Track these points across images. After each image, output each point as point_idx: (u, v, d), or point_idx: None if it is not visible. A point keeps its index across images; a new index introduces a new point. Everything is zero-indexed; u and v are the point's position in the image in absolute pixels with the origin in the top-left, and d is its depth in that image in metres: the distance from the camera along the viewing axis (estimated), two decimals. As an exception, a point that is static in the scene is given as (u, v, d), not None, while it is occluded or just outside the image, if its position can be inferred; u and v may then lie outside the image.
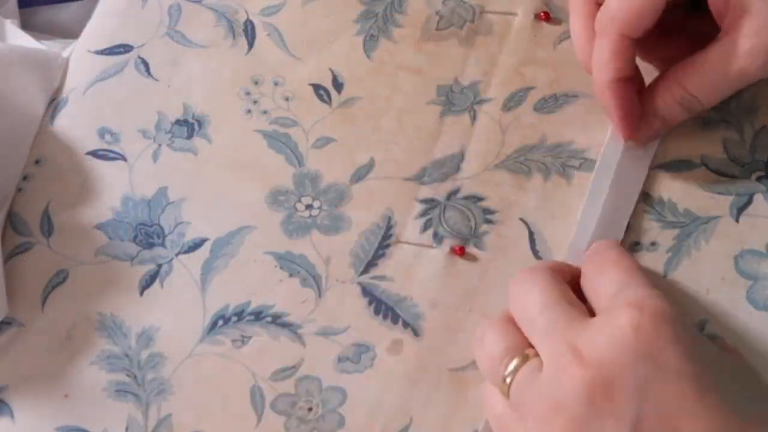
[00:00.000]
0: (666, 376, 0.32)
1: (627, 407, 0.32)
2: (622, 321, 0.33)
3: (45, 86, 0.47)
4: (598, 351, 0.33)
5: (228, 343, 0.41)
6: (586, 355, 0.33)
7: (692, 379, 0.33)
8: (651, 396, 0.32)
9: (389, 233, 0.43)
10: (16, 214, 0.44)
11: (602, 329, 0.34)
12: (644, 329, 0.33)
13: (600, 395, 0.33)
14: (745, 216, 0.41)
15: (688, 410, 0.32)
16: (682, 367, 0.33)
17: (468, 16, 0.47)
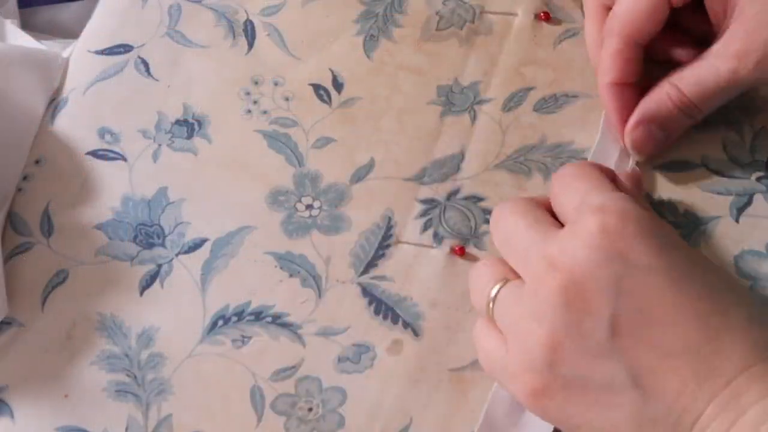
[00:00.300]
0: (637, 271, 0.33)
1: (602, 306, 0.33)
2: (588, 225, 0.34)
3: (45, 86, 0.47)
4: (569, 257, 0.34)
5: (228, 344, 0.41)
6: (559, 263, 0.34)
7: (663, 271, 0.33)
8: (624, 292, 0.33)
9: (389, 233, 0.43)
10: (16, 214, 0.44)
11: (571, 236, 0.35)
12: (611, 229, 0.34)
13: (575, 298, 0.33)
14: (745, 216, 0.41)
15: (662, 301, 0.33)
16: (651, 261, 0.33)
17: (468, 17, 0.47)
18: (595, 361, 0.33)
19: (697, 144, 0.43)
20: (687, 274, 0.34)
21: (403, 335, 0.41)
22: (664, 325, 0.33)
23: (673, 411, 0.32)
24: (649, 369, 0.32)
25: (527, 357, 0.34)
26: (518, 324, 0.35)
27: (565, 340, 0.33)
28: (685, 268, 0.34)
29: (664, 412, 0.32)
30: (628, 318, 0.33)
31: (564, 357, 0.33)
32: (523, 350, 0.35)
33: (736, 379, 0.32)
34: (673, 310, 0.33)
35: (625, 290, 0.33)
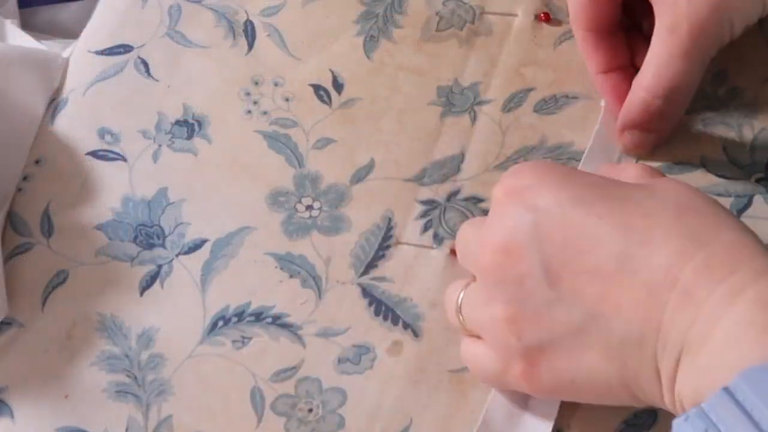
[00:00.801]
0: (547, 213, 0.34)
1: (531, 259, 0.34)
2: (495, 194, 0.36)
3: (45, 86, 0.47)
4: (490, 231, 0.35)
5: (228, 344, 0.41)
6: (487, 241, 0.35)
7: (571, 201, 0.34)
8: (544, 237, 0.33)
9: (389, 234, 0.43)
10: (16, 214, 0.44)
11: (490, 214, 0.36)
12: (511, 188, 0.35)
13: (507, 266, 0.34)
14: (744, 218, 0.41)
15: (579, 228, 0.33)
16: (556, 197, 0.34)
17: (468, 17, 0.47)
18: (552, 314, 0.33)
19: (696, 145, 0.43)
20: (598, 194, 0.34)
21: (403, 336, 0.41)
22: (591, 248, 0.33)
23: (634, 325, 0.32)
24: (597, 296, 0.32)
25: (500, 343, 0.35)
26: (480, 316, 0.36)
27: (518, 309, 0.34)
28: (594, 190, 0.34)
29: (626, 330, 0.32)
30: (557, 258, 0.33)
31: (524, 325, 0.34)
32: (495, 338, 0.35)
33: (681, 273, 0.31)
34: (593, 231, 0.33)
35: (544, 235, 0.33)
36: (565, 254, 0.33)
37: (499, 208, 0.35)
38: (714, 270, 0.30)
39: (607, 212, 0.33)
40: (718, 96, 0.44)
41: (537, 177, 0.35)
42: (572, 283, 0.33)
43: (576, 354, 0.33)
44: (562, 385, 0.35)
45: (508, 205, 0.35)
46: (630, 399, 0.34)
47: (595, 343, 0.33)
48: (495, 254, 0.34)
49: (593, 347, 0.33)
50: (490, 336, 0.36)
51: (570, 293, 0.33)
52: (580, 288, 0.33)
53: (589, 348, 0.33)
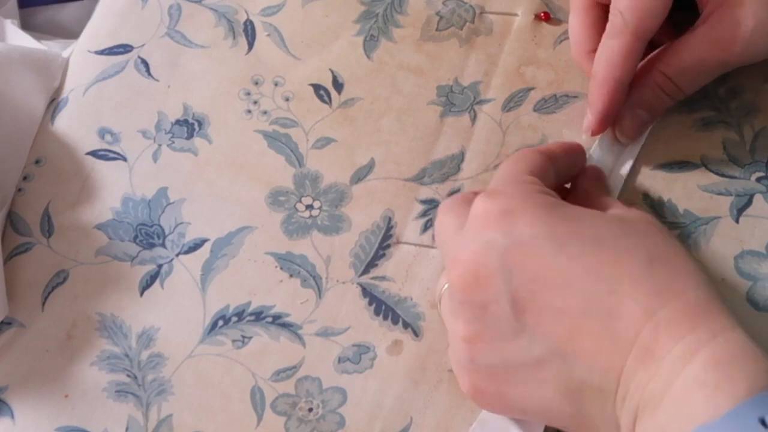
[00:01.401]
0: (521, 244, 0.33)
1: (498, 287, 0.33)
2: (475, 208, 0.35)
3: (45, 86, 0.47)
4: (465, 249, 0.35)
5: (228, 344, 0.41)
6: (459, 256, 0.35)
7: (547, 237, 0.33)
8: (515, 267, 0.33)
9: (389, 234, 0.43)
10: (16, 215, 0.44)
11: (466, 228, 0.35)
12: (491, 214, 0.34)
13: (474, 288, 0.34)
14: (745, 217, 0.41)
15: (551, 266, 0.33)
16: (533, 230, 0.33)
17: (468, 17, 0.47)
18: (511, 343, 0.33)
19: (697, 144, 0.43)
20: (573, 232, 0.34)
21: (403, 336, 0.41)
22: (559, 288, 0.32)
23: (595, 371, 0.32)
24: (561, 336, 0.32)
25: (455, 356, 0.36)
26: (447, 323, 0.36)
27: (478, 331, 0.34)
28: (569, 228, 0.34)
29: (587, 375, 0.32)
30: (525, 291, 0.33)
31: (481, 347, 0.34)
32: (452, 350, 0.36)
33: (643, 328, 0.31)
34: (564, 271, 0.33)
35: (515, 266, 0.33)
36: (534, 289, 0.33)
37: (477, 224, 0.35)
38: (674, 328, 0.31)
39: (579, 253, 0.33)
40: (718, 96, 0.44)
41: (519, 202, 0.34)
42: (538, 317, 0.33)
43: (530, 386, 0.33)
44: (509, 412, 0.35)
45: (486, 225, 0.34)
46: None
47: (553, 381, 0.33)
48: (464, 275, 0.34)
49: (550, 384, 0.33)
50: (451, 345, 0.36)
51: (534, 327, 0.33)
52: (544, 324, 0.33)
53: (546, 384, 0.33)
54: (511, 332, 0.33)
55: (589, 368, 0.32)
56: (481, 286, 0.34)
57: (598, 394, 0.32)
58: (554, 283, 0.33)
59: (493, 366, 0.34)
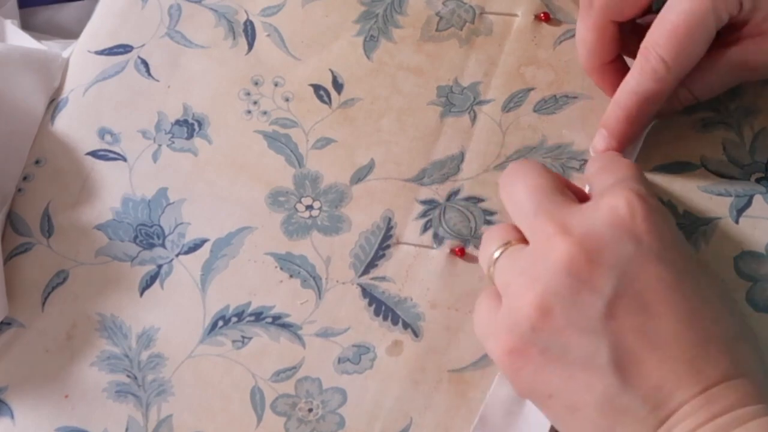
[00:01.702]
0: (649, 258, 0.33)
1: (605, 282, 0.33)
2: (618, 201, 0.34)
3: (45, 86, 0.47)
4: (586, 225, 0.34)
5: (228, 344, 0.41)
6: (574, 230, 0.34)
7: (672, 265, 0.33)
8: (631, 274, 0.33)
9: (389, 234, 0.43)
10: (17, 215, 0.44)
11: (593, 209, 0.34)
12: (638, 212, 0.34)
13: (580, 268, 0.33)
14: (744, 217, 0.41)
15: (663, 294, 0.33)
16: (664, 253, 0.33)
17: (468, 17, 0.47)
18: (581, 335, 0.33)
19: (696, 145, 0.43)
20: (690, 274, 0.34)
21: (403, 336, 0.41)
22: (659, 317, 0.32)
23: (647, 403, 0.32)
24: (634, 356, 0.32)
25: (513, 316, 0.34)
26: (513, 283, 0.35)
27: (556, 307, 0.33)
28: (689, 267, 0.34)
29: (637, 403, 0.32)
30: (628, 301, 0.33)
31: (550, 323, 0.33)
32: (511, 309, 0.34)
33: (715, 386, 0.32)
34: (671, 307, 0.33)
35: (631, 273, 0.33)
36: (635, 304, 0.33)
37: (610, 214, 0.34)
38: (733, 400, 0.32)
39: (689, 299, 0.33)
40: (718, 96, 0.44)
41: (661, 222, 0.34)
42: (622, 330, 0.32)
43: (572, 383, 0.33)
44: (534, 390, 0.35)
45: (623, 223, 0.34)
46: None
47: (599, 390, 0.33)
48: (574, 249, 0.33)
49: (593, 391, 0.33)
50: (509, 303, 0.35)
51: (614, 334, 0.33)
52: (625, 338, 0.32)
53: (590, 389, 0.33)
54: (589, 327, 0.33)
55: (642, 398, 0.32)
56: (590, 272, 0.33)
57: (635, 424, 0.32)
58: (657, 310, 0.32)
59: (552, 347, 0.33)
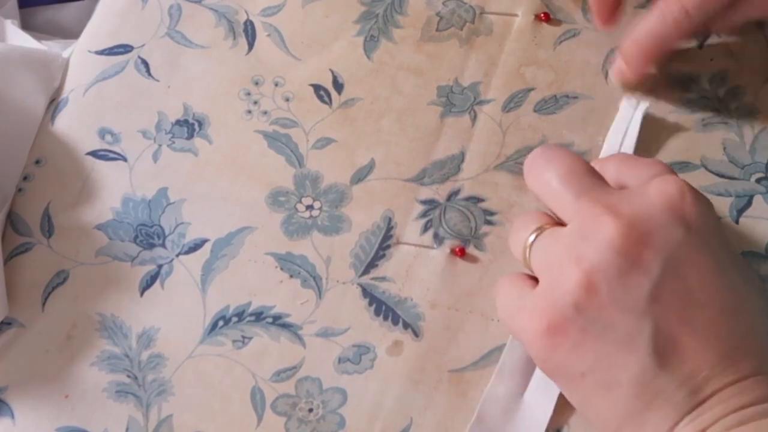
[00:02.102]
0: (697, 245, 0.33)
1: (654, 264, 0.33)
2: (669, 187, 0.34)
3: (45, 86, 0.47)
4: (637, 206, 0.34)
5: (228, 344, 0.41)
6: (623, 210, 0.34)
7: (717, 255, 0.33)
8: (678, 258, 0.33)
9: (389, 234, 0.43)
10: (17, 215, 0.44)
11: (644, 191, 0.34)
12: (688, 199, 0.34)
13: (630, 247, 0.33)
14: (744, 217, 0.41)
15: (707, 282, 0.33)
16: (712, 243, 0.34)
17: (468, 17, 0.47)
18: (624, 315, 0.33)
19: (696, 145, 0.43)
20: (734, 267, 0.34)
21: (403, 336, 0.41)
22: (702, 305, 0.33)
23: (682, 388, 0.32)
24: (674, 340, 0.32)
25: (555, 293, 0.34)
26: (554, 263, 0.34)
27: (602, 285, 0.33)
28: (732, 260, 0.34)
29: (672, 387, 0.32)
30: (673, 285, 0.33)
31: (595, 301, 0.33)
32: (553, 286, 0.34)
33: (746, 379, 0.32)
34: (714, 296, 0.33)
35: (679, 257, 0.33)
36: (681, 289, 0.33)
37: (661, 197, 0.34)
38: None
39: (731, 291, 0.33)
40: (718, 96, 0.44)
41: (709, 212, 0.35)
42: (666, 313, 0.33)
43: (608, 361, 0.33)
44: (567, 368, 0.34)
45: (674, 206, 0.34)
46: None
47: (635, 370, 0.33)
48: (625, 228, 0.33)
49: (629, 370, 0.33)
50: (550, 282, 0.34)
51: (657, 317, 0.33)
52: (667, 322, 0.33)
53: (626, 367, 0.33)
54: (633, 307, 0.33)
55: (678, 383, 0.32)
56: (639, 252, 0.33)
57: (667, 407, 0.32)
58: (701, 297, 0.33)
59: (594, 324, 0.33)
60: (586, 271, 0.33)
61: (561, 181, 0.36)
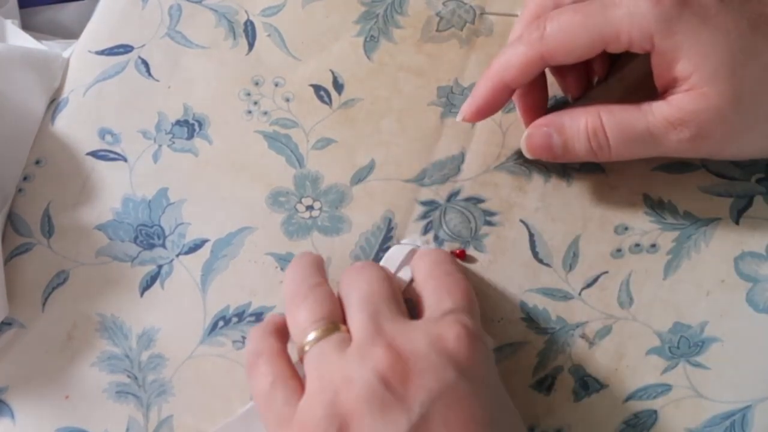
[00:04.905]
0: (465, 392, 0.33)
1: (417, 403, 0.32)
2: (447, 329, 0.34)
3: (45, 86, 0.47)
4: (411, 344, 0.34)
5: (229, 344, 0.41)
6: (398, 344, 0.34)
7: (485, 407, 0.33)
8: (444, 402, 0.33)
9: (390, 235, 0.43)
10: (17, 215, 0.45)
11: (424, 329, 0.35)
12: (464, 346, 0.34)
13: (396, 381, 0.33)
14: (745, 218, 0.41)
15: (469, 429, 0.32)
16: (481, 393, 0.33)
17: (468, 17, 0.47)
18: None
19: (697, 145, 0.43)
20: (501, 416, 0.34)
21: (404, 336, 0.41)
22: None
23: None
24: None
25: (321, 412, 0.33)
26: (329, 375, 0.34)
27: (366, 415, 0.32)
28: (501, 412, 0.34)
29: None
30: (433, 427, 0.32)
31: (353, 427, 0.32)
32: (322, 403, 0.33)
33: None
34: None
35: (446, 400, 0.33)
36: (442, 429, 0.32)
37: (438, 339, 0.34)
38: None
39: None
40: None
41: (486, 364, 0.35)
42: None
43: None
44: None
45: (448, 350, 0.34)
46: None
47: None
48: (393, 361, 0.33)
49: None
50: (317, 399, 0.34)
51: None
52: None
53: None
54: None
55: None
56: (405, 387, 0.33)
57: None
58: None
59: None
60: (353, 396, 0.33)
61: (360, 300, 0.36)
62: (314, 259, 0.39)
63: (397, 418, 0.32)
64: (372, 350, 0.34)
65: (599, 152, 0.39)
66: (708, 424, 0.39)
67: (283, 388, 0.35)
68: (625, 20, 0.37)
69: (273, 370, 0.36)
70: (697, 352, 0.40)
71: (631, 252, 0.41)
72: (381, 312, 0.36)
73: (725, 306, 0.40)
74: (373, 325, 0.35)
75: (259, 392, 0.35)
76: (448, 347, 0.34)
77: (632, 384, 0.40)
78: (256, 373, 0.36)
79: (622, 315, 0.41)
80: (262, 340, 0.37)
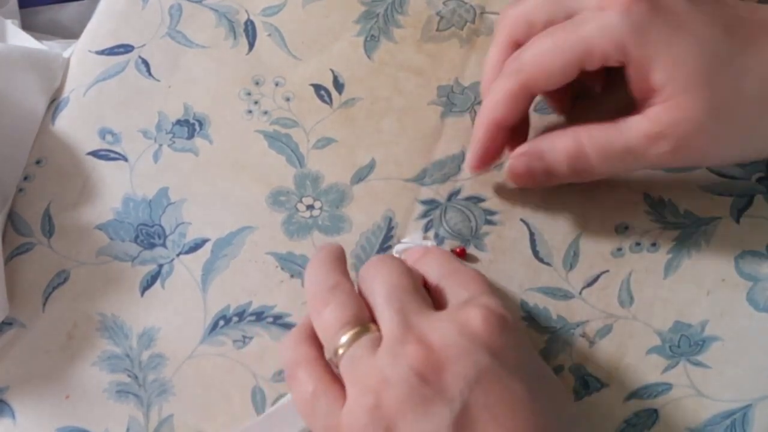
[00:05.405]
0: (501, 372, 0.33)
1: (457, 392, 0.32)
2: (472, 314, 0.34)
3: (46, 86, 0.47)
4: (440, 335, 0.34)
5: (229, 344, 0.41)
6: (428, 337, 0.34)
7: (524, 382, 0.33)
8: (482, 386, 0.32)
9: (390, 234, 0.43)
10: (17, 215, 0.44)
11: (450, 318, 0.34)
12: (492, 326, 0.34)
13: (432, 375, 0.33)
14: (745, 217, 0.41)
15: (514, 409, 0.32)
16: (517, 369, 0.33)
17: (469, 17, 0.47)
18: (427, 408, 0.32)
19: (697, 145, 0.43)
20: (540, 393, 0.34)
21: (404, 336, 0.41)
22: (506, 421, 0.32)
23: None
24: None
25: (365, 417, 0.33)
26: (366, 378, 0.34)
27: (408, 413, 0.32)
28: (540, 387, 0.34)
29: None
30: (475, 414, 0.32)
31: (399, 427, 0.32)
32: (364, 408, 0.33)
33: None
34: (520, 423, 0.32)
35: (483, 385, 0.32)
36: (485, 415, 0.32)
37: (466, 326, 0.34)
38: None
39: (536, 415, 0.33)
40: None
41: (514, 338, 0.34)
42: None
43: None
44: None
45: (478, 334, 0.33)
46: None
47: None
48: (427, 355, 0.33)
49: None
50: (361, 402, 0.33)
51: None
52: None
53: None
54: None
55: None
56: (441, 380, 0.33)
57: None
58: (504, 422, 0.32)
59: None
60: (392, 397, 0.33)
61: (385, 296, 0.36)
62: (331, 253, 0.38)
63: (440, 411, 0.32)
64: (404, 347, 0.34)
65: (583, 173, 0.39)
66: (709, 423, 0.39)
67: (324, 396, 0.35)
68: (596, 34, 0.37)
69: (312, 378, 0.35)
70: (698, 351, 0.40)
71: (631, 251, 0.41)
72: (407, 306, 0.35)
73: (726, 305, 0.40)
74: (402, 321, 0.35)
75: (302, 401, 0.35)
76: (476, 331, 0.34)
77: (633, 383, 0.40)
78: (296, 382, 0.36)
79: (623, 314, 0.41)
80: (297, 349, 0.37)
